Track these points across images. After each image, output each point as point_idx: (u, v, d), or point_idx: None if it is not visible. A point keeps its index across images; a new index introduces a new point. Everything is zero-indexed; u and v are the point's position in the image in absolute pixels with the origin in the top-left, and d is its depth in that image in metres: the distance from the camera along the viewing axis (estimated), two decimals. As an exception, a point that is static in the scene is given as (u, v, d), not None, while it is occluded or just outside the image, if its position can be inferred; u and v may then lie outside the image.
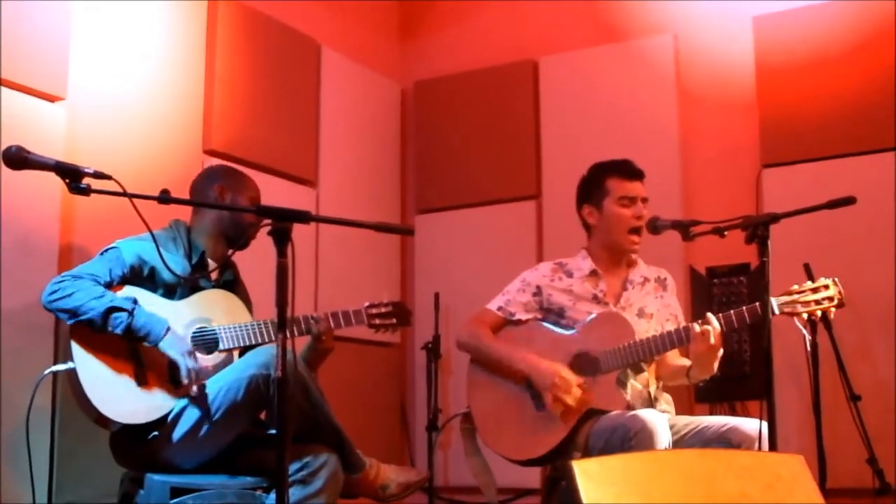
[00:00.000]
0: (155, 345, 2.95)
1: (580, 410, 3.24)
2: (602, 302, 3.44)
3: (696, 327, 3.18)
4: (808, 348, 3.59)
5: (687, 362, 3.37)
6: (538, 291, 3.49)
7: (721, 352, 3.21)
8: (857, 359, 4.03)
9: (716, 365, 3.24)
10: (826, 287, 3.14)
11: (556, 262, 3.56)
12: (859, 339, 4.13)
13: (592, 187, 3.52)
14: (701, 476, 2.00)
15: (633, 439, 2.96)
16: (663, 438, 2.96)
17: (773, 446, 2.66)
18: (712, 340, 3.14)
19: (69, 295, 2.94)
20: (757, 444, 2.97)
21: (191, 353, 2.98)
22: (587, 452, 3.19)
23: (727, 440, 3.09)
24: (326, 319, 3.21)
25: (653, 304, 3.50)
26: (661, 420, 3.03)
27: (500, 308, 3.50)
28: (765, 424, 2.79)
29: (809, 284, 3.16)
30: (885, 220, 4.16)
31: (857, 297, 3.93)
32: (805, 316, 3.15)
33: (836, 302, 3.14)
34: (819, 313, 3.15)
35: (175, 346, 2.96)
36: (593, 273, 3.47)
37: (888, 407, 4.04)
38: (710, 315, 3.18)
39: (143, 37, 3.95)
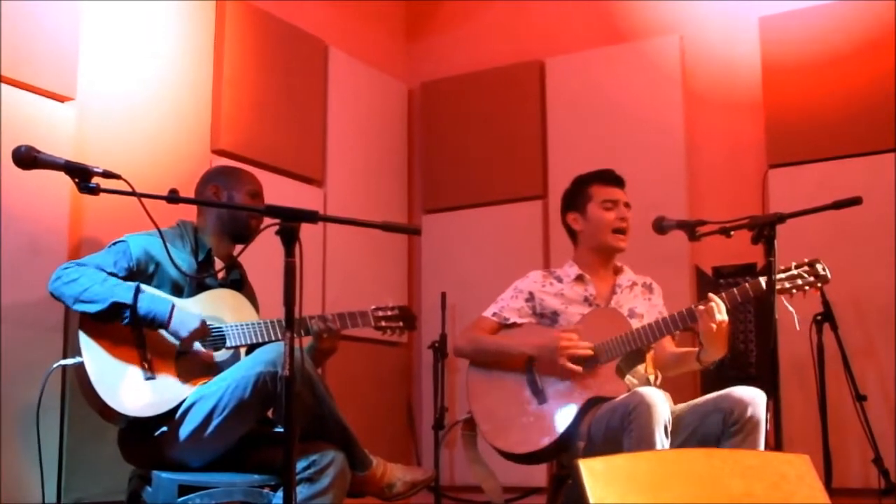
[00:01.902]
0: (164, 327, 2.97)
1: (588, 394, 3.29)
2: (593, 304, 3.51)
3: (701, 307, 3.19)
4: (814, 349, 3.61)
5: (690, 349, 3.40)
6: (531, 297, 3.56)
7: (729, 329, 3.21)
8: (862, 359, 4.04)
9: (726, 343, 3.24)
10: (810, 264, 3.18)
11: (545, 270, 3.68)
12: (864, 339, 4.13)
13: (576, 195, 3.62)
14: (706, 475, 2.00)
15: (632, 413, 2.97)
16: (662, 413, 2.96)
17: (778, 446, 2.67)
18: (718, 316, 3.14)
19: (73, 280, 2.96)
20: (749, 410, 3.01)
21: (198, 332, 3.00)
22: (590, 441, 3.21)
23: (720, 409, 3.09)
24: (334, 320, 3.23)
25: (642, 305, 3.57)
26: (660, 396, 3.03)
27: (494, 314, 3.57)
28: (762, 394, 2.84)
29: (794, 263, 3.19)
30: (890, 220, 4.16)
31: (862, 297, 3.96)
32: (793, 293, 3.17)
33: (821, 278, 3.17)
34: (806, 289, 3.18)
35: (183, 327, 2.98)
36: (580, 278, 3.54)
37: (893, 407, 4.04)
38: (711, 294, 3.20)
39: (151, 37, 3.97)
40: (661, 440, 2.93)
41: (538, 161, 5.09)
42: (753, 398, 3.03)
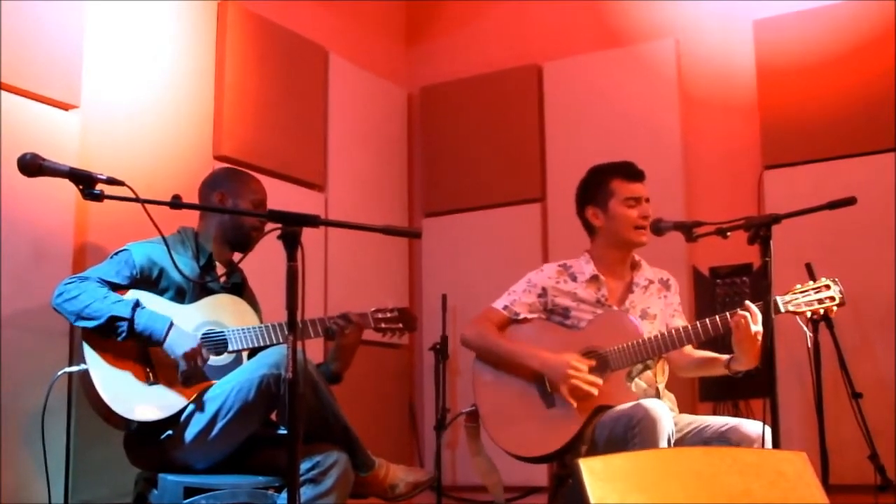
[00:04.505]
0: (160, 345, 3.00)
1: (596, 401, 3.26)
2: (605, 306, 3.46)
3: (736, 314, 3.13)
4: (810, 347, 3.63)
5: (712, 354, 3.39)
6: (543, 293, 3.51)
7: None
8: (858, 357, 4.05)
9: (759, 354, 3.09)
10: (827, 286, 3.18)
11: (561, 264, 3.58)
12: (860, 338, 4.16)
13: (596, 189, 3.54)
14: (705, 474, 2.02)
15: (636, 427, 2.98)
16: (666, 427, 2.97)
17: (776, 444, 2.68)
18: (753, 327, 3.08)
19: (74, 297, 3.00)
20: (757, 446, 2.99)
21: (195, 352, 3.03)
22: (593, 445, 3.22)
23: (727, 439, 3.10)
24: (342, 318, 3.26)
25: (656, 304, 3.53)
26: (664, 409, 3.04)
27: (505, 307, 3.52)
28: (767, 428, 2.79)
29: (811, 283, 3.19)
30: (885, 220, 4.18)
31: (858, 296, 3.96)
32: (808, 315, 3.18)
33: (837, 301, 3.17)
34: (821, 311, 3.18)
35: (178, 346, 3.01)
36: (594, 278, 3.49)
37: (889, 404, 4.06)
38: (748, 303, 3.15)
39: (154, 45, 4.00)
40: None
41: (537, 164, 5.12)
42: (761, 435, 2.97)
